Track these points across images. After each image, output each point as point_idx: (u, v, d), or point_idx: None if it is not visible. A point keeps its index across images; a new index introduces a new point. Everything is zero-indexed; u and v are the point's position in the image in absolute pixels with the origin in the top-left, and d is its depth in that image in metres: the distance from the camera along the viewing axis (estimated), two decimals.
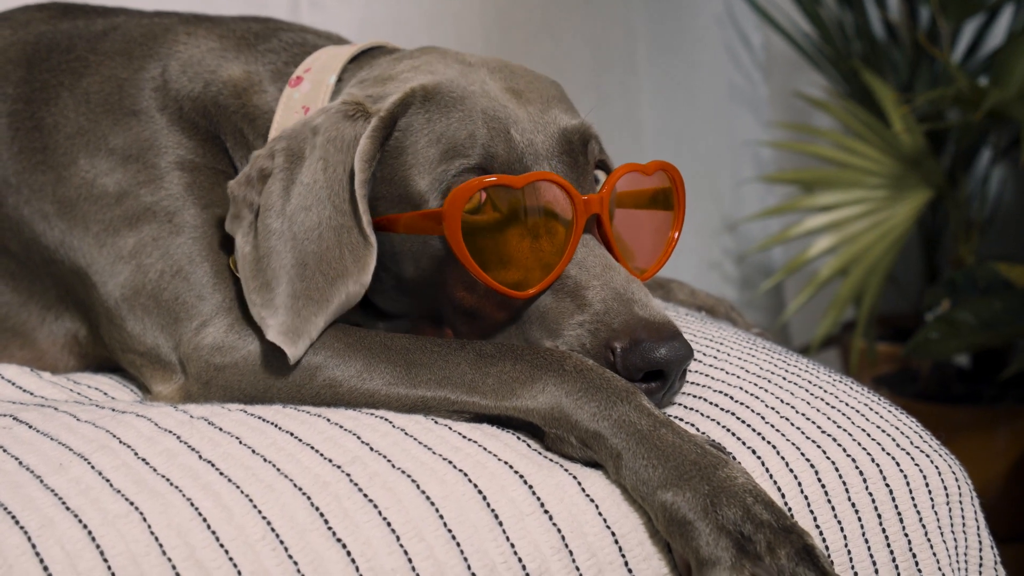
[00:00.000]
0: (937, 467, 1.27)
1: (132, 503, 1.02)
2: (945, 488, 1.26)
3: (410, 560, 1.03)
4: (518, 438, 1.16)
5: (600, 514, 1.10)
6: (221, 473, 1.06)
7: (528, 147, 1.27)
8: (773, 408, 1.24)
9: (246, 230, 1.28)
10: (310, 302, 1.23)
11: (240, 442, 1.11)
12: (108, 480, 1.05)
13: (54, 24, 1.51)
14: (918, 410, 3.09)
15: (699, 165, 3.70)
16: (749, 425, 1.21)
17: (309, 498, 1.04)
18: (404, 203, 1.27)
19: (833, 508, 1.18)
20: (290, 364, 1.21)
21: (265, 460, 1.08)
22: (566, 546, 1.08)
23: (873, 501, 1.20)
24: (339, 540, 1.02)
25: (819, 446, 1.21)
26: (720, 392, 1.25)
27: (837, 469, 1.20)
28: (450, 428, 1.16)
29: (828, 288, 3.43)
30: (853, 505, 1.19)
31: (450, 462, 1.10)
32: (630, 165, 1.30)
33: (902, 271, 3.71)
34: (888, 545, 1.20)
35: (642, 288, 1.23)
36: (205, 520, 1.01)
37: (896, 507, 1.21)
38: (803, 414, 1.25)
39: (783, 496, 1.16)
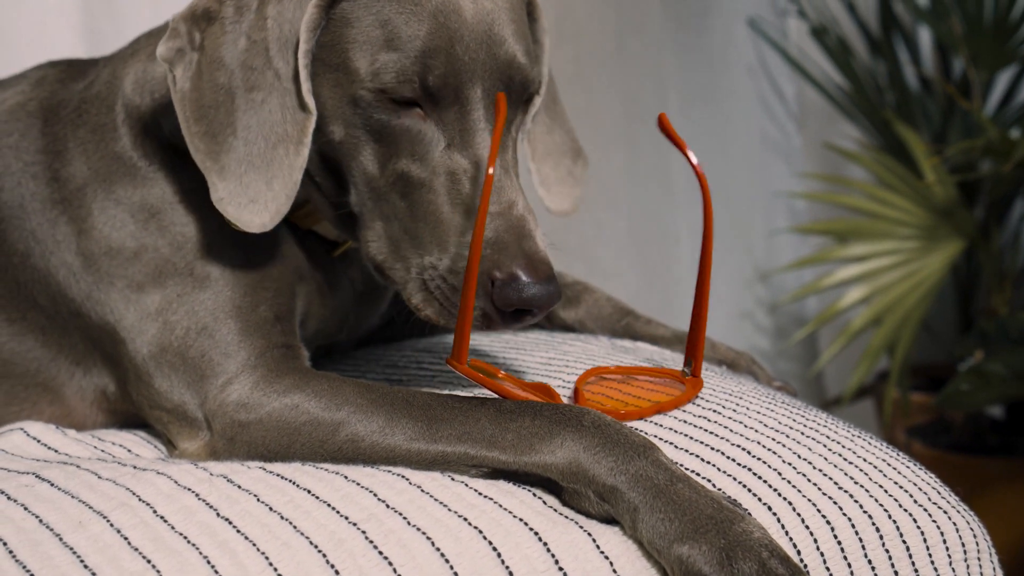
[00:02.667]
0: (955, 523, 1.26)
1: (149, 561, 1.03)
2: (963, 544, 1.25)
3: None
4: (534, 495, 1.16)
5: (615, 571, 1.10)
6: (238, 531, 1.07)
7: (467, 64, 1.30)
8: (790, 464, 1.24)
9: (186, 66, 1.33)
10: (251, 168, 1.30)
11: (258, 499, 1.12)
12: (126, 538, 1.06)
13: (63, 80, 1.55)
14: (952, 461, 3.09)
15: (732, 215, 3.70)
16: (765, 481, 1.21)
17: (324, 556, 1.05)
18: (340, 72, 1.31)
19: (849, 565, 1.18)
20: (248, 228, 1.30)
21: (282, 518, 1.09)
22: None
23: (890, 558, 1.20)
24: None
25: (835, 502, 1.21)
26: (737, 447, 1.25)
27: (853, 526, 1.20)
28: (466, 485, 1.16)
29: (861, 338, 3.42)
30: (870, 562, 1.19)
31: (465, 519, 1.11)
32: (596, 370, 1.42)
33: (937, 321, 3.70)
34: None
35: (534, 220, 1.30)
36: None
37: (913, 564, 1.21)
38: (820, 470, 1.25)
39: (799, 552, 1.16)
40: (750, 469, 1.22)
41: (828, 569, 1.17)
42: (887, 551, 1.20)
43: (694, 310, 1.35)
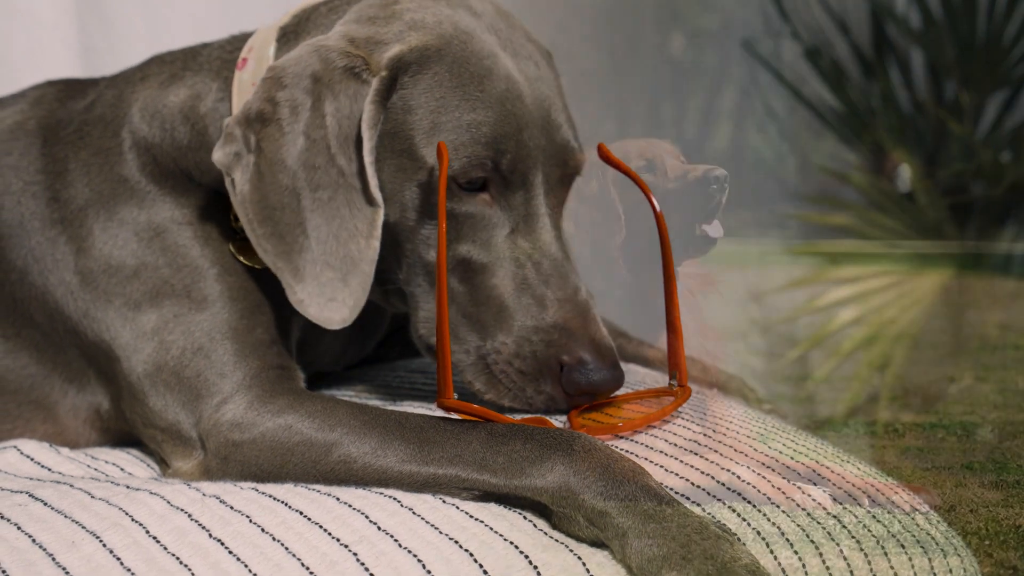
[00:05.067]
0: (943, 551, 1.27)
1: None
2: (950, 572, 1.26)
3: None
4: (524, 518, 1.16)
5: None
6: (230, 552, 1.08)
7: (532, 151, 1.33)
8: (779, 488, 1.25)
9: (244, 169, 1.32)
10: (327, 267, 1.29)
11: (250, 520, 1.12)
12: (119, 558, 1.06)
13: (61, 100, 1.55)
14: (943, 482, 3.09)
15: (725, 235, 3.70)
16: (754, 505, 1.22)
17: None
18: (404, 159, 1.31)
19: None
20: (329, 326, 1.28)
21: (274, 539, 1.09)
22: None
23: None
24: None
25: (824, 527, 1.22)
26: (727, 471, 1.26)
27: (842, 551, 1.20)
28: (457, 507, 1.16)
29: (853, 359, 3.42)
30: None
31: (456, 542, 1.11)
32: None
33: (928, 342, 3.70)
34: None
35: (595, 306, 1.33)
36: None
37: None
38: (808, 495, 1.25)
39: None
40: (739, 493, 1.23)
41: None
42: None
43: (667, 323, 1.36)
